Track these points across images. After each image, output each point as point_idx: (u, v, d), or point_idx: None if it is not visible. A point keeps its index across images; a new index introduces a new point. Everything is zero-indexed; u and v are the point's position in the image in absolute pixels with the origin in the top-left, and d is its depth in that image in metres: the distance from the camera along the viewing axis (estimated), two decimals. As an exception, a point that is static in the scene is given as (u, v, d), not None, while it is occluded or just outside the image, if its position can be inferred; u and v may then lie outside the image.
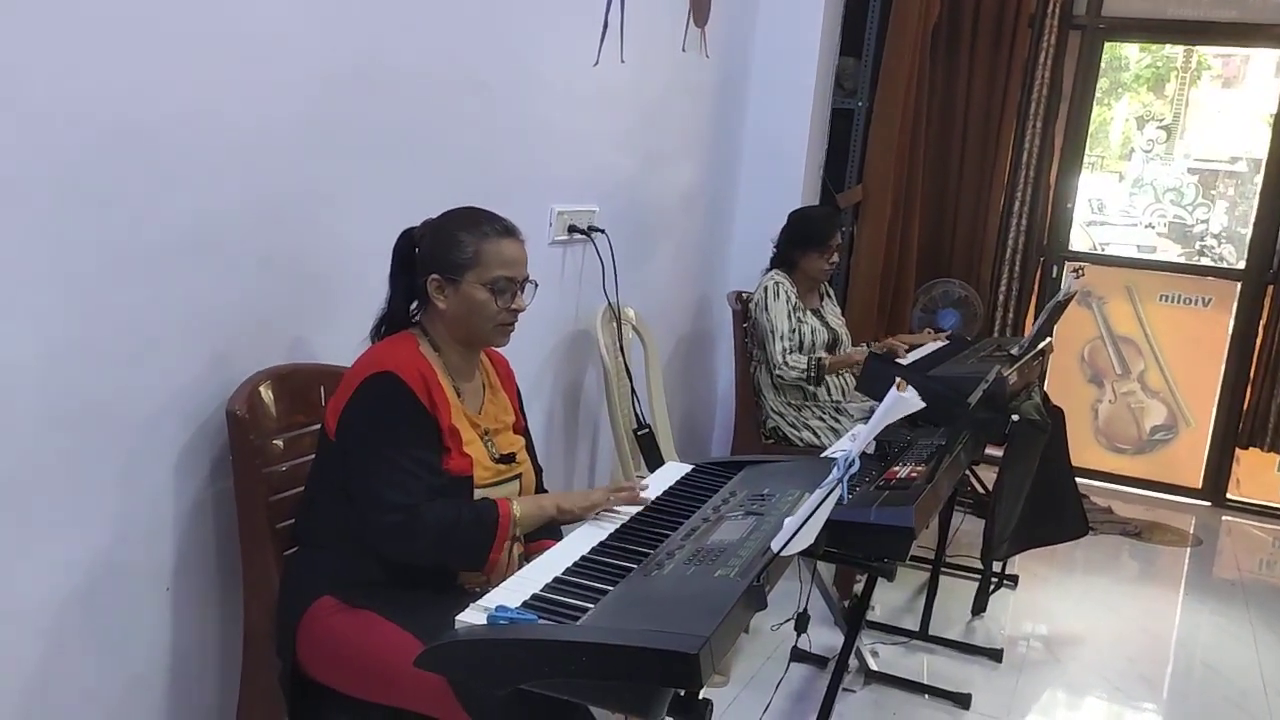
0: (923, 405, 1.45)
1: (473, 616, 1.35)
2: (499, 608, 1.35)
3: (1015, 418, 2.97)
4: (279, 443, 1.86)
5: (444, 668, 1.36)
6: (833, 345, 3.42)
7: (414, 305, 1.85)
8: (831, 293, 3.63)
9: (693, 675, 1.20)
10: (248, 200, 1.82)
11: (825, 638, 2.94)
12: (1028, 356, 3.17)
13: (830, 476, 1.47)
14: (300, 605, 1.73)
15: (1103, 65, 4.77)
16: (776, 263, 3.45)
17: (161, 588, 1.79)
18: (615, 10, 2.89)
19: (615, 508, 1.82)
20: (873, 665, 2.91)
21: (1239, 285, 4.66)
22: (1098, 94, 4.78)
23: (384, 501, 1.66)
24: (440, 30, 2.24)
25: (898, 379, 1.53)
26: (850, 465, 1.45)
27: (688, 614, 1.30)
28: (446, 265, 1.78)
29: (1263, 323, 4.55)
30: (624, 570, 1.52)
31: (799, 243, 3.41)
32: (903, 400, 1.46)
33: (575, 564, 1.55)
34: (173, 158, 1.66)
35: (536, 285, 1.86)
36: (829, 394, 3.41)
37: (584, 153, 2.94)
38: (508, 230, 1.81)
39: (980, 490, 4.08)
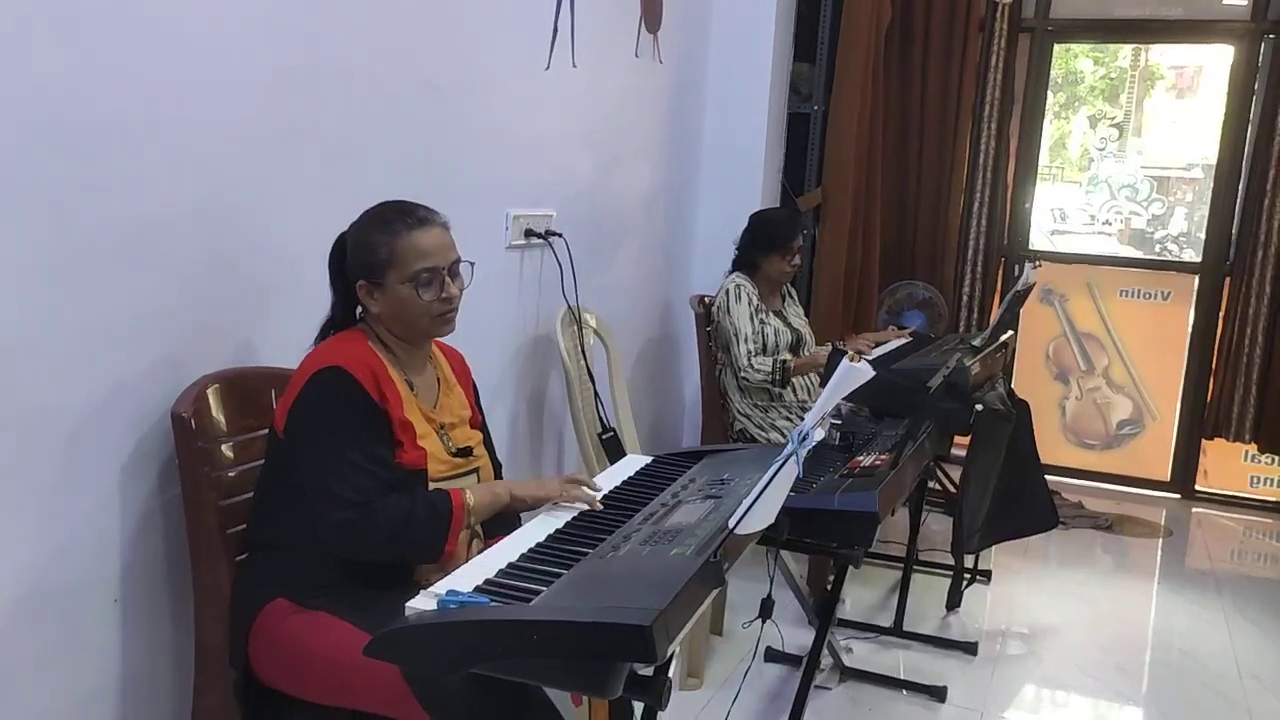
0: (873, 374, 1.44)
1: (423, 603, 1.32)
2: (449, 592, 1.32)
3: (979, 408, 2.97)
4: (228, 447, 1.82)
5: (394, 655, 1.32)
6: (796, 346, 3.41)
7: (358, 308, 1.83)
8: (794, 293, 3.62)
9: (647, 649, 1.17)
10: (192, 201, 1.79)
11: (799, 637, 2.91)
12: (990, 348, 3.18)
13: (784, 450, 1.44)
14: (252, 610, 1.69)
15: (1058, 79, 4.84)
16: (737, 265, 3.44)
17: (109, 599, 1.74)
18: (565, 15, 2.89)
19: (569, 502, 1.78)
20: (846, 661, 2.88)
21: (1197, 278, 4.71)
22: (1056, 107, 4.84)
23: (336, 498, 1.62)
24: (387, 31, 2.23)
25: (849, 351, 1.52)
26: (803, 438, 1.43)
27: (642, 590, 1.28)
28: (367, 270, 1.75)
29: (1222, 314, 4.60)
30: (579, 555, 1.49)
31: (760, 245, 3.40)
32: (854, 371, 1.44)
33: (530, 550, 1.52)
34: (113, 156, 1.63)
35: (473, 264, 1.82)
36: (795, 394, 3.39)
37: (539, 157, 2.93)
38: (420, 220, 1.76)
39: (950, 488, 4.07)
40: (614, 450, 2.89)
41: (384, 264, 1.73)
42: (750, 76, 3.99)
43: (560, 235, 2.94)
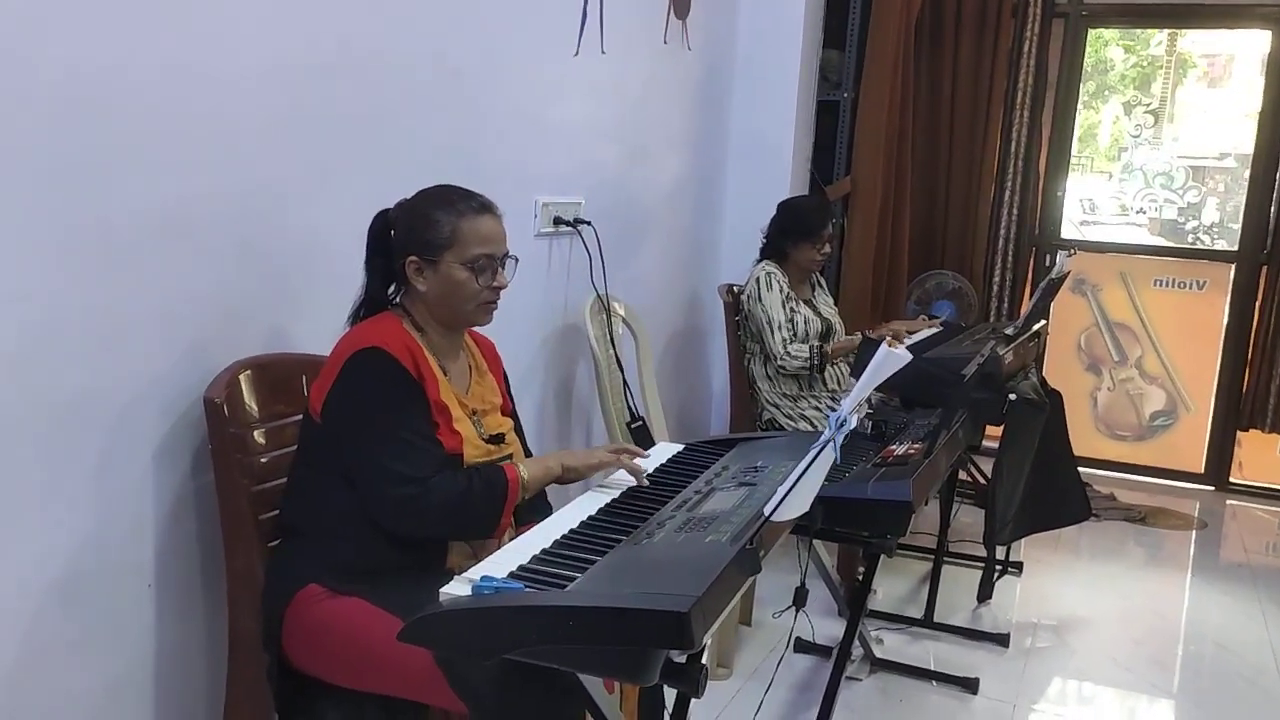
0: (909, 359, 1.41)
1: (457, 588, 1.31)
2: (484, 578, 1.31)
3: (1012, 397, 2.94)
4: (260, 433, 1.81)
5: (428, 640, 1.32)
6: (826, 335, 3.37)
7: (392, 288, 1.82)
8: (823, 282, 3.59)
9: (684, 635, 1.16)
10: (222, 188, 1.79)
11: (829, 628, 2.90)
12: (1023, 337, 3.14)
13: (822, 437, 1.42)
14: (286, 595, 1.68)
15: (1088, 68, 4.76)
16: (767, 254, 3.41)
17: (143, 584, 1.75)
18: (594, 0, 2.87)
19: (616, 475, 1.79)
20: (877, 653, 2.86)
21: (1233, 267, 4.63)
22: (1085, 97, 4.77)
23: (393, 475, 1.62)
24: (415, 17, 2.22)
25: (887, 336, 1.49)
26: (841, 423, 1.41)
27: (678, 577, 1.27)
28: (423, 246, 1.74)
29: (1258, 304, 4.52)
30: (614, 541, 1.48)
31: (790, 234, 3.36)
32: (893, 356, 1.42)
33: (564, 536, 1.51)
34: (142, 143, 1.62)
35: (517, 260, 1.82)
36: (824, 384, 3.36)
37: (567, 144, 2.91)
38: (484, 207, 1.78)
39: (981, 480, 4.03)
40: (643, 439, 2.87)
41: (444, 243, 1.72)
42: (779, 64, 3.95)
43: (589, 223, 2.93)
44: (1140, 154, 5.46)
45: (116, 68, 1.56)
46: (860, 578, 2.45)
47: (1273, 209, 4.46)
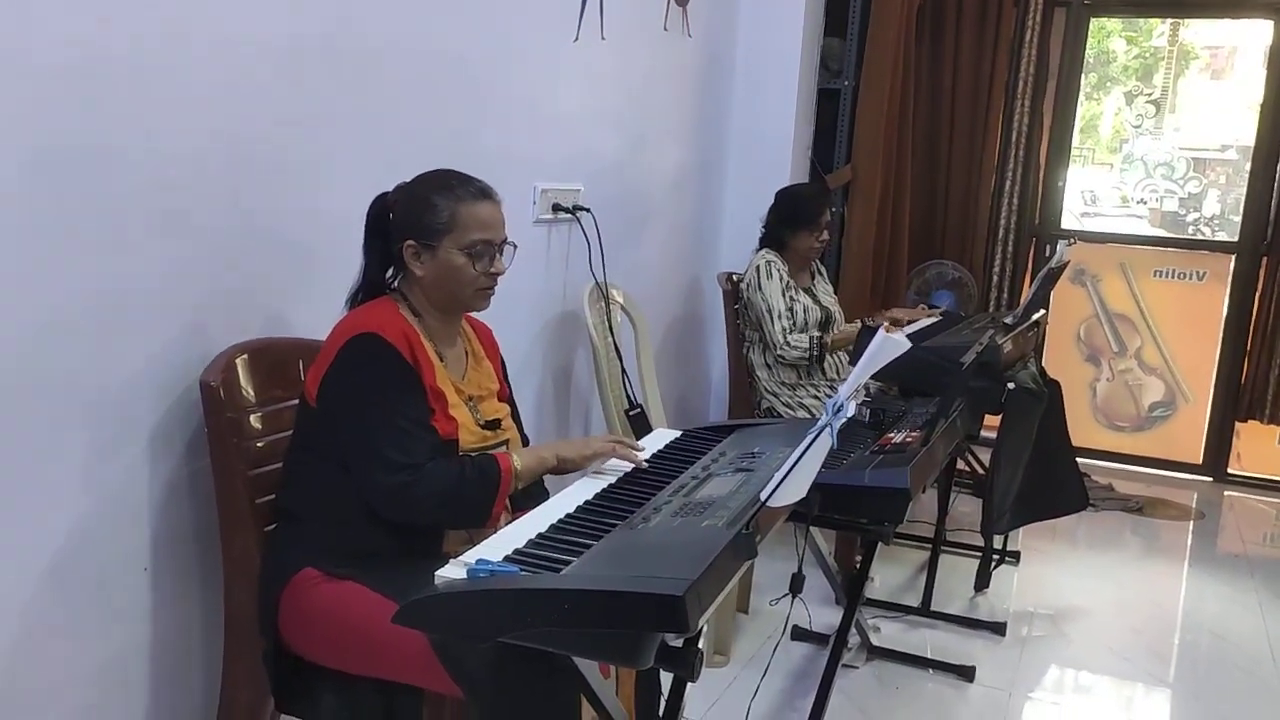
0: (909, 345, 1.41)
1: (452, 571, 1.31)
2: (479, 561, 1.30)
3: (1011, 386, 2.93)
4: (256, 417, 1.81)
5: (423, 623, 1.32)
6: (825, 323, 3.37)
7: (390, 272, 1.82)
8: (823, 271, 3.58)
9: (679, 618, 1.15)
10: (218, 171, 1.78)
11: (826, 617, 2.89)
12: (1022, 326, 3.13)
13: (819, 422, 1.42)
14: (282, 579, 1.68)
15: (1090, 59, 4.75)
16: (766, 242, 3.41)
17: (139, 568, 1.74)
18: (594, -14, 2.86)
19: (611, 462, 1.79)
20: (874, 640, 2.87)
21: (1233, 258, 4.63)
22: (1087, 88, 4.75)
23: (387, 461, 1.62)
24: (415, 1, 2.20)
25: (884, 323, 1.49)
26: (838, 408, 1.41)
27: (674, 560, 1.26)
28: (421, 230, 1.73)
29: (1258, 294, 4.52)
30: (609, 526, 1.47)
31: (788, 221, 3.36)
32: (890, 341, 1.42)
33: (559, 521, 1.50)
34: (138, 125, 1.62)
35: (515, 247, 1.82)
36: (823, 373, 3.36)
37: (567, 131, 2.90)
38: (483, 192, 1.77)
39: (979, 470, 4.03)
40: (641, 427, 2.87)
41: (442, 227, 1.72)
42: (780, 51, 3.95)
43: (588, 210, 2.92)
44: (1141, 144, 5.45)
45: (115, 48, 1.55)
46: (858, 566, 2.45)
47: (1273, 201, 4.46)
